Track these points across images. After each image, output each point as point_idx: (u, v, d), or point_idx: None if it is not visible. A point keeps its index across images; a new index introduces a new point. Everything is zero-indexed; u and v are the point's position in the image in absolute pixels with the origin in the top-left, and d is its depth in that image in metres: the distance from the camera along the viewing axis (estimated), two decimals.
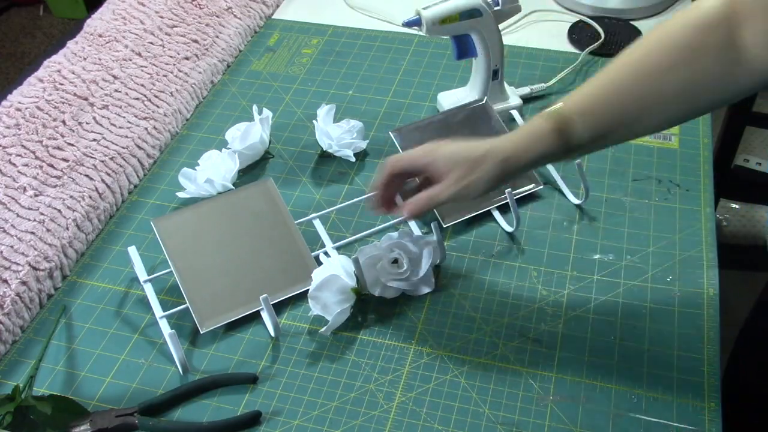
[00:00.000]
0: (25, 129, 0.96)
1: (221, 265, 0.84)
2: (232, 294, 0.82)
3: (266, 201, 0.88)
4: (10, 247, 0.85)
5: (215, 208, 0.87)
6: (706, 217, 0.91)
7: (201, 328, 0.80)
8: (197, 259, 0.83)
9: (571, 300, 0.83)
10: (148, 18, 1.16)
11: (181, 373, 0.78)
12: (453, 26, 0.96)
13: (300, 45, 1.24)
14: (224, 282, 0.83)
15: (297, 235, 0.87)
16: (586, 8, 1.26)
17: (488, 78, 1.02)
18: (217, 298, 0.82)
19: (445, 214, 0.91)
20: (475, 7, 0.96)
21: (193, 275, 0.82)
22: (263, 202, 0.88)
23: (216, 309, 0.81)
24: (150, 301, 0.82)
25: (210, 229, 0.85)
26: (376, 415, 0.74)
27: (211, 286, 0.82)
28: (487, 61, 1.01)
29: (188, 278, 0.82)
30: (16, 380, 0.78)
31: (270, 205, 0.88)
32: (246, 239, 0.86)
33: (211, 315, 0.81)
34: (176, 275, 0.81)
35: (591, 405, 0.73)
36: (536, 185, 0.94)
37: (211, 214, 0.86)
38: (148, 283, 0.83)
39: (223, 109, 1.12)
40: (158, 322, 0.81)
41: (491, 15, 0.97)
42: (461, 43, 0.99)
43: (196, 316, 0.80)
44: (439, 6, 0.95)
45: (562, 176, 0.96)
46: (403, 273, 0.82)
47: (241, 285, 0.83)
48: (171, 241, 0.83)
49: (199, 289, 0.81)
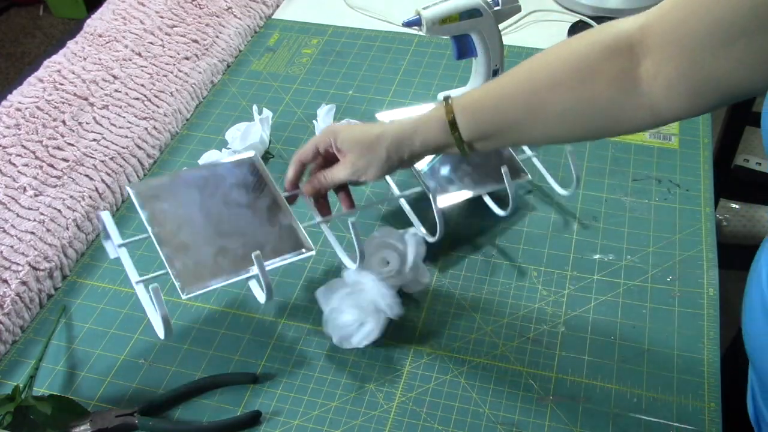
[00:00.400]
0: (25, 129, 0.96)
1: (204, 232, 0.77)
2: (217, 262, 0.75)
3: (252, 173, 0.84)
4: (10, 247, 0.85)
5: (197, 177, 0.82)
6: (706, 217, 0.91)
7: (182, 292, 0.72)
8: (178, 226, 0.77)
9: (571, 300, 0.83)
10: (148, 18, 1.16)
11: (162, 337, 0.72)
12: (453, 26, 0.96)
13: (300, 45, 1.24)
14: (208, 249, 0.76)
15: (285, 206, 0.82)
16: (586, 8, 1.26)
17: (488, 78, 1.02)
18: (201, 265, 0.74)
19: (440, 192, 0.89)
20: (475, 7, 0.96)
21: (174, 241, 0.75)
22: (249, 174, 0.84)
23: (199, 275, 0.73)
24: (125, 267, 0.76)
25: (192, 196, 0.80)
26: (376, 415, 0.74)
27: (193, 252, 0.75)
28: (487, 61, 1.01)
29: (168, 244, 0.74)
30: (16, 380, 0.78)
31: (256, 178, 0.84)
32: (231, 208, 0.80)
33: (194, 280, 0.73)
34: (154, 240, 0.74)
35: (591, 405, 0.73)
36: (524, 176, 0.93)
37: (194, 182, 0.81)
38: (123, 248, 0.77)
39: (223, 109, 1.12)
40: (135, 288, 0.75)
41: (491, 15, 0.97)
42: (461, 43, 0.99)
43: (177, 280, 0.72)
44: (439, 6, 0.95)
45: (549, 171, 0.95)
46: (392, 271, 0.81)
47: (227, 253, 0.76)
48: (149, 206, 0.77)
49: (180, 255, 0.74)
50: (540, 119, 0.68)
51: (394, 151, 0.75)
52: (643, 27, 0.61)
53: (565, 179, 0.94)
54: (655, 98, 0.61)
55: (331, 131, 0.79)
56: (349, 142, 0.77)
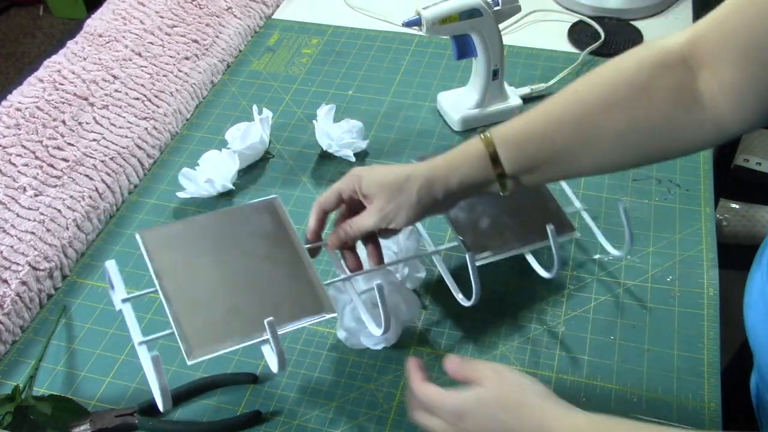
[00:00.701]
0: (25, 129, 0.96)
1: (217, 288, 0.70)
2: (229, 323, 0.68)
3: (272, 220, 0.76)
4: (10, 247, 0.85)
5: (212, 224, 0.75)
6: (706, 217, 0.91)
7: (188, 358, 0.65)
8: (188, 280, 0.70)
9: (571, 300, 0.83)
10: (148, 18, 1.16)
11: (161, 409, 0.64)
12: (453, 26, 0.96)
13: (300, 45, 1.24)
14: (219, 308, 0.69)
15: (307, 261, 0.73)
16: (586, 8, 1.26)
17: (488, 78, 1.02)
18: (210, 325, 0.67)
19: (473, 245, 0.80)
20: (475, 7, 0.96)
21: (183, 297, 0.68)
22: (268, 221, 0.75)
23: (208, 337, 0.66)
24: (127, 323, 0.68)
25: (205, 246, 0.73)
26: (376, 415, 0.74)
27: (203, 311, 0.68)
28: (487, 61, 1.01)
29: (176, 300, 0.68)
30: (16, 380, 0.78)
31: (276, 226, 0.75)
32: (247, 261, 0.72)
33: (202, 343, 0.66)
34: (161, 295, 0.68)
35: (591, 405, 0.73)
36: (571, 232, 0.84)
37: (207, 230, 0.74)
38: (126, 303, 0.69)
39: (223, 109, 1.12)
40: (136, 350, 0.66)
41: (491, 15, 0.97)
42: (461, 43, 0.99)
43: (183, 343, 0.65)
44: (439, 6, 0.95)
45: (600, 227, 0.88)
46: None
47: (240, 313, 0.68)
48: (159, 256, 0.70)
49: (188, 313, 0.67)
50: (593, 145, 0.63)
51: (426, 192, 0.68)
52: (693, 40, 0.59)
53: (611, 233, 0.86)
54: (719, 111, 0.58)
55: (355, 176, 0.72)
56: (375, 186, 0.70)
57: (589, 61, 1.15)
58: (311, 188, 0.98)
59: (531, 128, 0.66)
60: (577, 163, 0.65)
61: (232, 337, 0.66)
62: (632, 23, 1.23)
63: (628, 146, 0.63)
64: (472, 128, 1.06)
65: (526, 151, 0.66)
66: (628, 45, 1.18)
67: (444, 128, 1.06)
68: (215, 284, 0.70)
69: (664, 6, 1.27)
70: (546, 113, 0.66)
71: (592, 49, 1.16)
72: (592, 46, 1.16)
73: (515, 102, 1.06)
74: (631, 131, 0.62)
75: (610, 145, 0.63)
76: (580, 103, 0.64)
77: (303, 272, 0.72)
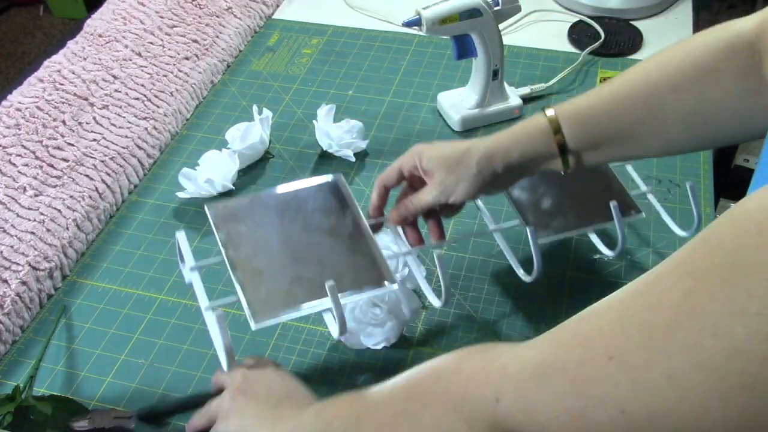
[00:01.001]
0: (25, 129, 0.96)
1: (281, 258, 0.72)
2: (291, 290, 0.70)
3: (335, 196, 0.78)
4: (10, 247, 0.85)
5: (277, 199, 0.78)
6: (706, 217, 0.91)
7: (253, 323, 0.67)
8: (254, 251, 0.72)
9: (571, 300, 0.83)
10: (148, 18, 1.16)
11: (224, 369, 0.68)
12: (453, 26, 0.96)
13: (300, 45, 1.24)
14: (283, 277, 0.71)
15: (368, 235, 0.74)
16: (586, 8, 1.26)
17: (488, 78, 1.02)
18: (274, 293, 0.69)
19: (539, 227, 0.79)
20: (475, 7, 0.96)
21: (248, 266, 0.71)
22: (331, 197, 0.78)
23: (271, 304, 0.69)
24: (195, 290, 0.72)
25: (270, 219, 0.76)
26: None
27: (267, 279, 0.70)
28: (487, 61, 1.01)
29: (242, 269, 0.70)
30: (16, 380, 0.78)
31: (339, 201, 0.77)
32: (310, 234, 0.74)
33: (266, 309, 0.68)
34: (228, 264, 0.71)
35: None
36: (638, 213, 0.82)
37: (273, 205, 0.77)
38: (194, 271, 0.73)
39: (223, 109, 1.12)
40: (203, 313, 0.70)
41: (491, 15, 0.97)
42: (461, 43, 0.99)
43: (249, 308, 0.67)
44: (439, 6, 0.95)
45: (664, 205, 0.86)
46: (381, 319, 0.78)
47: (303, 283, 0.70)
48: (225, 228, 0.73)
49: (253, 281, 0.70)
50: (659, 125, 0.63)
51: (486, 164, 0.68)
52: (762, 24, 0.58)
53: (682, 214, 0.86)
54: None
55: (416, 151, 0.72)
56: (435, 160, 0.70)
57: (589, 61, 1.15)
58: None
59: (597, 105, 0.66)
60: (642, 143, 0.65)
61: (294, 305, 0.68)
62: (632, 23, 1.23)
63: (695, 128, 0.63)
64: (472, 128, 1.06)
65: (590, 127, 0.66)
66: (628, 45, 1.18)
67: (444, 128, 1.06)
68: (279, 255, 0.72)
69: (664, 6, 1.27)
70: (612, 92, 0.66)
71: (592, 49, 1.16)
72: (592, 46, 1.16)
73: (515, 102, 1.06)
74: (698, 113, 0.62)
75: (676, 127, 0.63)
76: (648, 82, 0.63)
77: (365, 246, 0.73)
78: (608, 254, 0.80)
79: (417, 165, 0.72)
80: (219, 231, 0.73)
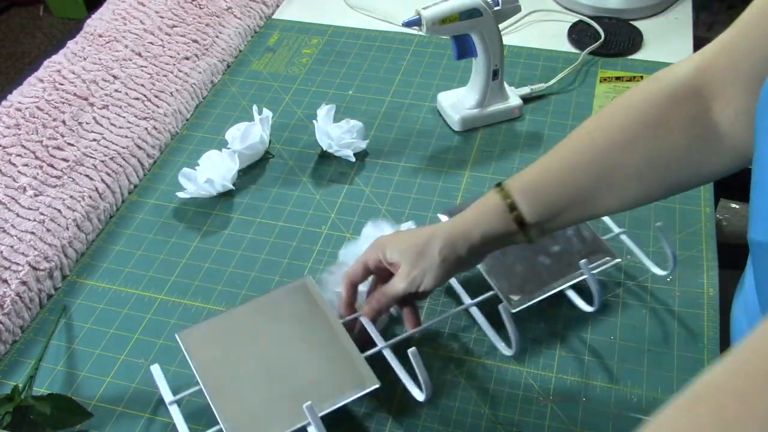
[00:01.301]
0: (25, 129, 0.96)
1: (258, 378, 0.72)
2: (273, 410, 0.70)
3: (305, 300, 0.77)
4: (10, 247, 0.85)
5: (247, 315, 0.77)
6: (706, 217, 0.91)
7: None
8: (230, 374, 0.72)
9: (572, 300, 0.83)
10: (148, 18, 1.16)
11: None
12: (453, 26, 0.96)
13: (300, 45, 1.24)
14: (263, 397, 0.70)
15: (343, 334, 0.74)
16: (586, 8, 1.26)
17: (488, 78, 1.02)
18: (256, 417, 0.69)
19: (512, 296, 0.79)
20: (475, 7, 0.96)
21: (226, 391, 0.70)
22: (301, 302, 0.77)
23: (254, 429, 0.68)
24: (177, 426, 0.71)
25: (242, 338, 0.75)
26: (376, 415, 0.74)
27: (247, 403, 0.70)
28: (487, 61, 1.01)
29: (221, 395, 0.70)
30: (16, 380, 0.78)
31: (309, 306, 0.77)
32: (284, 346, 0.74)
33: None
34: (206, 393, 0.70)
35: (591, 405, 0.73)
36: (613, 258, 0.82)
37: (242, 322, 0.76)
38: (174, 405, 0.72)
39: (223, 109, 1.12)
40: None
41: (491, 15, 0.97)
42: (461, 43, 0.99)
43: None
44: (439, 6, 0.95)
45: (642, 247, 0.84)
46: None
47: (283, 399, 0.70)
48: (198, 355, 0.73)
49: (233, 407, 0.69)
50: (614, 185, 0.63)
51: (449, 251, 0.69)
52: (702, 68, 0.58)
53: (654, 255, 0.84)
54: (738, 138, 0.57)
55: (379, 245, 0.73)
56: (398, 253, 0.71)
57: (588, 61, 1.15)
58: (311, 188, 0.98)
59: (547, 176, 0.66)
60: (600, 203, 0.65)
61: (278, 425, 0.68)
62: (632, 23, 1.23)
63: (650, 182, 0.62)
64: (471, 128, 1.06)
65: (545, 199, 0.66)
66: (628, 45, 1.18)
67: (444, 128, 1.06)
68: (256, 374, 0.72)
69: (664, 6, 1.27)
70: (561, 160, 0.65)
71: (592, 49, 1.16)
72: (592, 46, 1.16)
73: (515, 102, 1.06)
74: (650, 168, 0.61)
75: (631, 183, 0.63)
76: (595, 146, 0.63)
77: (340, 348, 0.73)
78: (587, 310, 0.78)
79: (381, 258, 0.72)
80: (193, 359, 0.72)
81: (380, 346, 0.74)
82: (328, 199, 0.97)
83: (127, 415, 0.75)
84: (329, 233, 0.91)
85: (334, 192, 0.98)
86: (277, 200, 0.97)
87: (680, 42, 1.20)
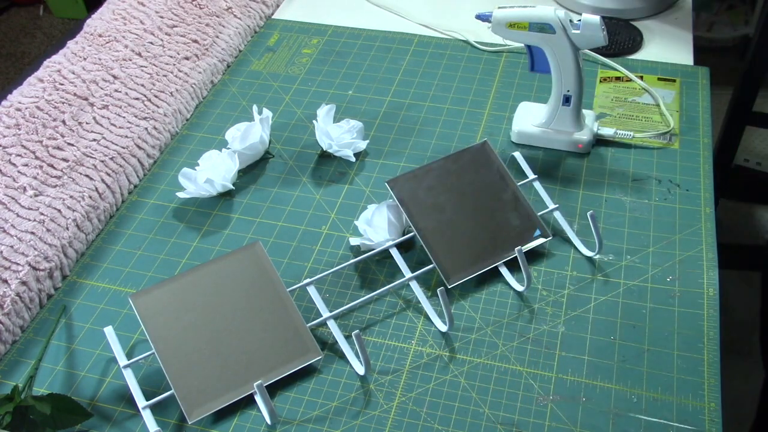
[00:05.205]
0: (25, 129, 0.96)
1: (208, 343, 0.76)
2: (222, 376, 0.74)
3: (255, 268, 0.80)
4: (10, 247, 0.85)
5: (199, 279, 0.79)
6: (706, 217, 0.91)
7: (189, 417, 0.72)
8: (182, 339, 0.75)
9: (571, 300, 0.83)
10: (148, 18, 1.16)
11: None
12: (520, 33, 0.93)
13: (300, 45, 1.24)
14: (212, 363, 0.75)
15: (290, 305, 0.78)
16: (586, 8, 1.26)
17: (558, 100, 0.97)
18: (206, 383, 0.74)
19: (450, 273, 0.83)
20: (549, 23, 0.91)
21: (178, 357, 0.74)
22: (251, 269, 0.80)
23: (205, 395, 0.73)
24: (131, 389, 0.74)
25: (194, 303, 0.77)
26: (376, 415, 0.74)
27: (198, 368, 0.74)
28: (558, 83, 0.96)
29: (172, 361, 0.74)
30: (16, 380, 0.78)
31: (259, 273, 0.80)
32: (234, 312, 0.77)
33: (200, 402, 0.73)
34: (159, 358, 0.74)
35: (591, 405, 0.73)
36: (545, 237, 0.86)
37: (195, 286, 0.78)
38: (128, 369, 0.76)
39: (223, 109, 1.12)
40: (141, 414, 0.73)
41: (565, 36, 0.91)
42: (533, 55, 0.96)
43: (183, 404, 0.73)
44: (513, 9, 0.92)
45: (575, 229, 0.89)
46: None
47: (231, 365, 0.75)
48: (152, 319, 0.76)
49: (185, 372, 0.74)
50: None
51: None
52: None
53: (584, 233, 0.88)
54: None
55: None
56: None
57: (588, 61, 1.15)
58: (311, 188, 0.98)
59: None
60: None
61: (226, 393, 0.74)
62: (632, 23, 1.23)
63: None
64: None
65: None
66: (628, 45, 1.18)
67: (444, 128, 1.06)
68: (206, 341, 0.76)
69: (664, 6, 1.27)
70: None
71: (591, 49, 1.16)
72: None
73: (584, 136, 0.99)
74: None
75: None
76: None
77: (287, 317, 0.78)
78: (518, 289, 0.83)
79: None
80: (147, 325, 0.76)
81: (325, 317, 0.78)
82: (328, 199, 0.97)
83: (127, 415, 0.75)
84: (329, 233, 0.92)
85: (334, 192, 0.98)
86: (277, 200, 0.97)
87: (680, 42, 1.20)
